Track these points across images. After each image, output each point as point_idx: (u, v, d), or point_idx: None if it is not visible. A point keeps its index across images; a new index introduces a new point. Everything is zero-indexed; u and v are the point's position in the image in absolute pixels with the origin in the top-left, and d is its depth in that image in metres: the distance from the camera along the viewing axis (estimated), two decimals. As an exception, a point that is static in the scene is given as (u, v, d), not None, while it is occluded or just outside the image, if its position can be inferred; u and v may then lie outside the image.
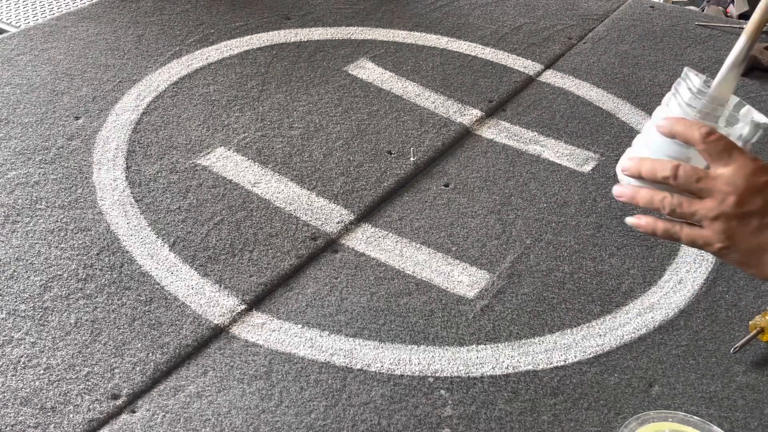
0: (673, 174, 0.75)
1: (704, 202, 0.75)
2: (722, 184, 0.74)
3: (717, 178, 0.74)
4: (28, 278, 1.17)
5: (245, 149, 1.46)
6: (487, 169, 1.45)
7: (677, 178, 0.75)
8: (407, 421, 1.00)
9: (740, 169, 0.73)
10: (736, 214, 0.74)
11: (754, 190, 0.73)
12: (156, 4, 1.94)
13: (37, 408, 0.98)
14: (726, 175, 0.74)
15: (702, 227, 0.76)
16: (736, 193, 0.73)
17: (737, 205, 0.73)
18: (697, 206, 0.75)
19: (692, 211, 0.75)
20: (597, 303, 1.19)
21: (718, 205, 0.74)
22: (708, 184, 0.74)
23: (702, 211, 0.75)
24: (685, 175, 0.75)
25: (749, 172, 0.73)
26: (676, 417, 0.94)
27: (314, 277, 1.21)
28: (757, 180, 0.73)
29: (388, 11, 1.98)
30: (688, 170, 0.75)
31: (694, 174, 0.74)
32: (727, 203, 0.74)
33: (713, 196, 0.74)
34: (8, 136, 1.46)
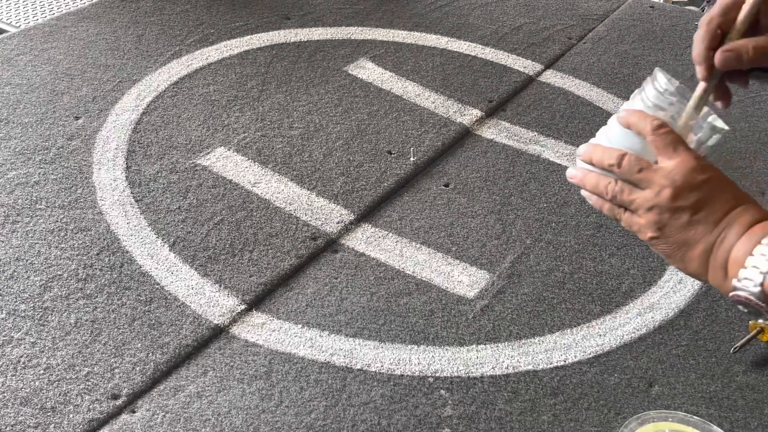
0: (617, 162, 0.79)
1: (643, 192, 0.78)
2: (661, 177, 0.77)
3: (657, 171, 0.77)
4: (28, 278, 1.17)
5: (245, 149, 1.46)
6: (487, 169, 1.45)
7: (621, 166, 0.79)
8: (407, 421, 1.00)
9: (681, 165, 0.76)
10: (669, 207, 0.77)
11: (690, 187, 0.76)
12: (156, 4, 1.94)
13: (37, 408, 0.98)
14: (666, 169, 0.77)
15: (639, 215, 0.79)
16: (672, 186, 0.76)
17: (671, 199, 0.76)
18: (636, 195, 0.78)
19: (630, 200, 0.79)
20: (597, 303, 1.19)
21: (654, 197, 0.77)
22: (648, 176, 0.77)
23: (639, 200, 0.78)
24: (628, 165, 0.78)
25: (689, 168, 0.76)
26: (676, 417, 0.94)
27: (314, 277, 1.21)
28: (695, 177, 0.76)
29: (388, 11, 1.98)
30: (632, 160, 0.78)
31: (637, 164, 0.78)
32: (663, 196, 0.76)
33: (651, 187, 0.77)
34: (8, 136, 1.46)
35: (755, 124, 1.62)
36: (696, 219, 0.77)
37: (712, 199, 0.77)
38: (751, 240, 0.74)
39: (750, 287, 0.73)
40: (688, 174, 0.77)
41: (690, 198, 0.77)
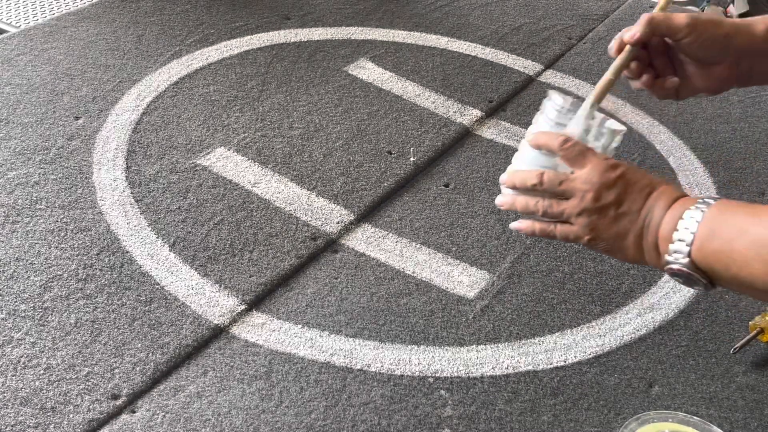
0: (539, 181, 0.86)
1: (569, 202, 0.85)
2: (580, 184, 0.84)
3: (576, 179, 0.85)
4: (28, 278, 1.17)
5: (245, 149, 1.46)
6: (487, 169, 1.45)
7: (543, 184, 0.86)
8: (407, 421, 1.00)
9: (594, 169, 0.84)
10: (595, 208, 0.84)
11: (608, 185, 0.83)
12: (156, 4, 1.94)
13: (37, 408, 0.98)
14: (583, 176, 0.84)
15: (571, 224, 0.86)
16: (592, 189, 0.83)
17: (594, 200, 0.84)
18: (564, 206, 0.86)
19: (560, 211, 0.86)
20: (597, 303, 1.19)
21: (580, 203, 0.84)
22: (569, 186, 0.85)
23: (568, 209, 0.85)
24: (548, 181, 0.86)
25: (602, 170, 0.83)
26: (676, 417, 0.94)
27: (314, 277, 1.21)
28: (609, 176, 0.83)
29: (388, 11, 1.98)
30: (551, 176, 0.86)
31: (557, 178, 0.85)
32: (587, 200, 0.84)
33: (575, 195, 0.85)
34: (8, 136, 1.46)
35: (755, 124, 1.62)
36: (621, 212, 0.84)
37: (629, 190, 0.84)
38: (674, 217, 0.80)
39: (680, 259, 0.79)
40: (603, 174, 0.83)
41: (610, 195, 0.83)
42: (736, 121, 1.63)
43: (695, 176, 1.47)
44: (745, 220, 0.77)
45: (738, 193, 1.42)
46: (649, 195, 0.84)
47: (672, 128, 1.60)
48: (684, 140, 1.57)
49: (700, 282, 0.80)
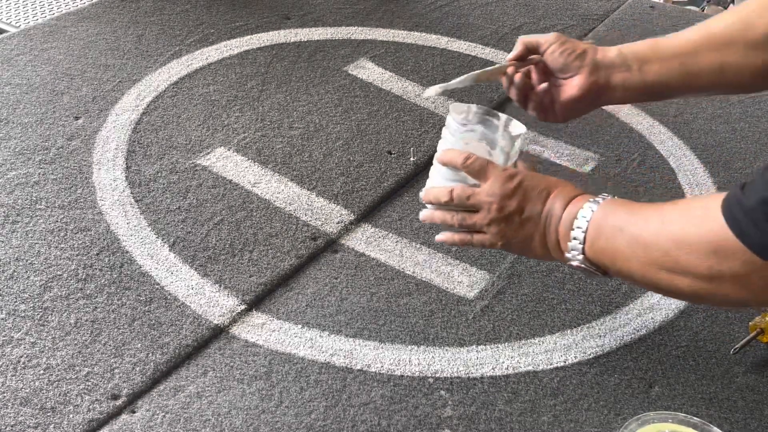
0: (449, 198, 0.94)
1: (479, 214, 0.93)
2: (485, 197, 0.91)
3: (480, 193, 0.92)
4: (28, 278, 1.17)
5: (245, 149, 1.46)
6: (487, 169, 1.45)
7: (453, 200, 0.94)
8: (407, 421, 1.00)
9: (495, 182, 0.91)
10: (501, 217, 0.91)
11: (509, 195, 0.91)
12: (156, 4, 1.94)
13: (37, 408, 0.98)
14: (486, 189, 0.92)
15: (485, 233, 0.93)
16: (496, 201, 0.91)
17: (499, 210, 0.91)
18: (475, 218, 0.93)
19: (473, 222, 0.93)
20: (597, 304, 1.19)
21: (487, 214, 0.92)
22: (476, 199, 0.92)
23: (479, 221, 0.93)
24: (457, 197, 0.93)
25: (501, 181, 0.91)
26: (676, 418, 0.94)
27: (314, 277, 1.21)
28: (508, 186, 0.91)
29: (388, 11, 1.98)
30: (459, 192, 0.93)
31: (464, 194, 0.93)
32: (492, 210, 0.91)
33: (482, 207, 0.92)
34: (8, 136, 1.46)
35: (755, 124, 1.62)
36: (525, 217, 0.91)
37: (529, 197, 0.91)
38: (569, 216, 0.88)
39: (577, 256, 0.87)
40: (503, 186, 0.91)
41: (512, 203, 0.91)
42: (736, 121, 1.63)
43: (695, 176, 1.47)
44: (624, 219, 0.85)
45: (738, 193, 1.42)
46: (547, 198, 0.91)
47: (672, 128, 1.60)
48: (684, 140, 1.57)
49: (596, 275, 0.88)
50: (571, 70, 1.05)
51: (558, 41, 1.06)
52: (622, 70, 1.04)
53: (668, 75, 1.05)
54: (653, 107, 1.66)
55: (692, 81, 1.07)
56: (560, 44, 1.05)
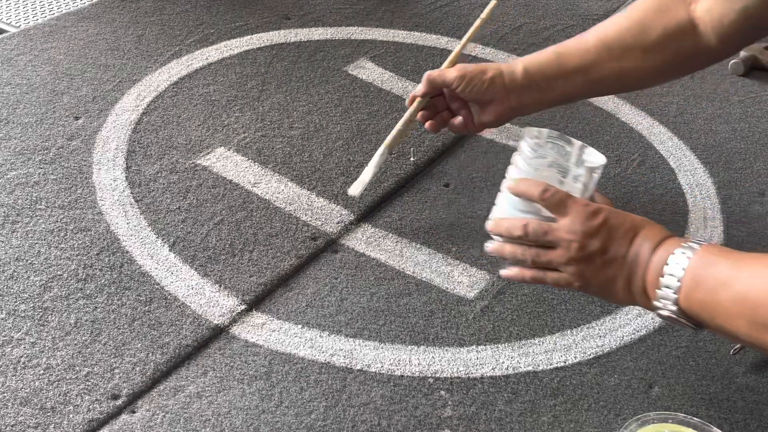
0: (524, 232, 0.88)
1: (555, 252, 0.87)
2: (564, 233, 0.85)
3: (559, 229, 0.86)
4: (28, 278, 1.17)
5: (245, 149, 1.46)
6: (487, 169, 1.45)
7: (528, 235, 0.88)
8: (407, 421, 1.00)
9: (576, 218, 0.85)
10: (581, 257, 0.85)
11: (591, 234, 0.84)
12: (156, 4, 1.94)
13: (37, 408, 0.98)
14: (566, 225, 0.85)
15: (560, 271, 0.87)
16: (576, 239, 0.85)
17: (580, 249, 0.85)
18: (551, 255, 0.87)
19: (548, 260, 0.88)
20: (597, 304, 1.19)
21: (566, 252, 0.86)
22: (554, 236, 0.86)
23: (555, 259, 0.87)
24: (533, 232, 0.87)
25: (583, 218, 0.85)
26: (676, 418, 0.94)
27: (314, 277, 1.21)
28: (591, 224, 0.84)
29: (388, 11, 1.98)
30: (535, 227, 0.87)
31: (540, 229, 0.87)
32: (572, 249, 0.85)
33: (561, 245, 0.86)
34: (8, 136, 1.46)
35: (755, 125, 1.62)
36: (608, 259, 0.85)
37: (613, 236, 0.85)
38: (659, 262, 0.82)
39: (668, 306, 0.81)
40: (585, 223, 0.84)
41: (595, 243, 0.84)
42: (736, 121, 1.63)
43: (695, 176, 1.47)
44: (728, 272, 0.77)
45: (738, 193, 1.43)
46: (633, 239, 0.85)
47: (672, 128, 1.60)
48: (684, 140, 1.57)
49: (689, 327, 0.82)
50: (484, 101, 1.14)
51: (464, 81, 1.12)
52: (530, 90, 1.13)
53: (573, 89, 1.13)
54: (653, 107, 1.66)
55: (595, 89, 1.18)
56: (468, 81, 1.12)
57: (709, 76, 1.78)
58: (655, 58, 1.10)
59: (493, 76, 1.12)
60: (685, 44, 1.09)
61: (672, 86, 1.73)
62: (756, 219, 1.37)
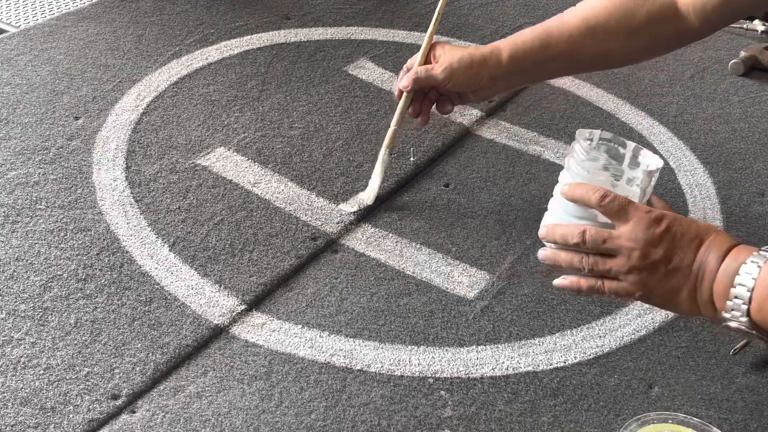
0: (581, 240, 0.84)
1: (615, 260, 0.83)
2: (625, 241, 0.81)
3: (620, 237, 0.82)
4: (28, 278, 1.17)
5: (245, 149, 1.46)
6: (487, 169, 1.45)
7: (586, 242, 0.84)
8: (407, 421, 1.00)
9: (637, 225, 0.81)
10: (643, 266, 0.81)
11: (654, 242, 0.81)
12: (156, 4, 1.94)
13: (37, 408, 0.98)
14: (627, 233, 0.81)
15: (620, 280, 0.84)
16: (638, 247, 0.81)
17: (642, 258, 0.81)
18: (610, 264, 0.83)
19: (607, 269, 0.84)
20: (597, 304, 1.19)
21: (627, 261, 0.82)
22: (614, 243, 0.82)
23: (615, 267, 0.83)
24: (591, 240, 0.83)
25: (645, 226, 0.81)
26: (675, 418, 0.94)
27: (314, 277, 1.21)
28: (654, 232, 0.81)
29: (388, 11, 1.98)
30: (594, 234, 0.83)
31: (599, 237, 0.83)
32: (634, 258, 0.81)
33: (621, 253, 0.82)
34: (8, 136, 1.46)
35: (755, 125, 1.62)
36: (672, 268, 0.81)
37: (678, 245, 0.81)
38: (728, 271, 0.79)
39: (739, 317, 0.77)
40: (647, 230, 0.81)
41: (658, 252, 0.81)
42: (736, 121, 1.63)
43: (695, 176, 1.47)
44: None
45: (738, 193, 1.43)
46: (698, 248, 0.81)
47: (672, 128, 1.60)
48: (684, 140, 1.57)
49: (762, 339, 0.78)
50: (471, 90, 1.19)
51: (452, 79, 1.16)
52: (516, 75, 1.17)
53: (557, 70, 1.21)
54: (653, 107, 1.66)
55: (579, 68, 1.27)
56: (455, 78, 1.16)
57: (709, 76, 1.78)
58: (638, 40, 1.12)
59: (479, 70, 1.15)
60: (668, 27, 1.11)
61: (672, 86, 1.73)
62: (756, 219, 1.37)
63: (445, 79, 1.17)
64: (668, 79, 1.76)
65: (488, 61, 1.15)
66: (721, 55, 1.85)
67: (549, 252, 0.89)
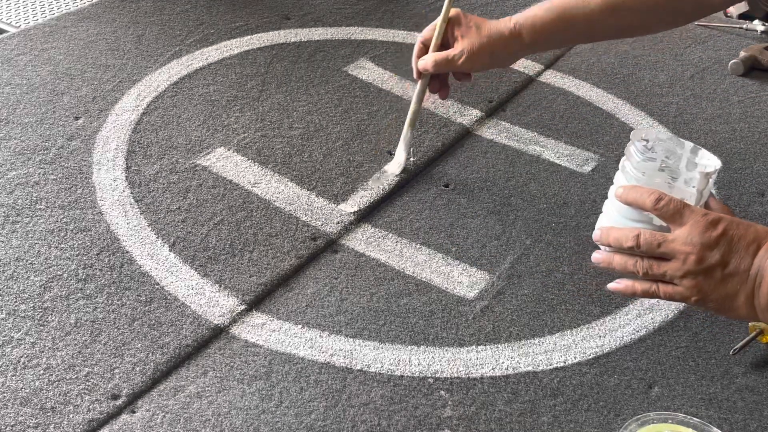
0: (635, 243, 0.83)
1: (670, 264, 0.82)
2: (681, 245, 0.81)
3: (675, 240, 0.81)
4: (28, 278, 1.17)
5: (245, 149, 1.46)
6: (487, 169, 1.45)
7: (640, 246, 0.83)
8: (407, 421, 1.00)
9: (693, 228, 0.80)
10: (700, 270, 0.80)
11: (710, 246, 0.80)
12: (156, 4, 1.94)
13: (37, 408, 0.99)
14: (682, 236, 0.80)
15: (675, 284, 0.83)
16: (694, 252, 0.80)
17: (698, 262, 0.80)
18: (665, 267, 0.82)
19: (662, 273, 0.83)
20: (597, 304, 1.19)
21: (682, 265, 0.81)
22: (669, 247, 0.81)
23: (670, 271, 0.82)
24: (645, 243, 0.82)
25: (701, 229, 0.80)
26: (675, 418, 0.94)
27: (314, 277, 1.21)
28: (710, 235, 0.80)
29: (388, 11, 1.98)
30: (648, 238, 0.82)
31: (654, 240, 0.82)
32: (689, 262, 0.80)
33: (676, 257, 0.81)
34: (8, 136, 1.46)
35: (755, 125, 1.62)
36: (728, 272, 0.80)
37: (734, 248, 0.80)
38: None
39: None
40: (703, 234, 0.80)
41: (715, 256, 0.80)
42: (736, 121, 1.63)
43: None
44: None
45: (738, 193, 1.43)
46: (756, 252, 0.80)
47: (672, 128, 1.60)
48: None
49: None
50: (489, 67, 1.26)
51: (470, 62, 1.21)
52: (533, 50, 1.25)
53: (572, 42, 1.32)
54: (653, 107, 1.66)
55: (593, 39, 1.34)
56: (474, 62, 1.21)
57: (709, 76, 1.78)
58: (657, 16, 1.16)
59: (499, 53, 1.21)
60: (688, 3, 1.15)
61: (672, 86, 1.73)
62: (756, 219, 1.37)
63: (465, 66, 1.22)
64: (668, 79, 1.76)
65: (509, 45, 1.21)
66: (721, 55, 1.85)
67: (603, 255, 0.89)
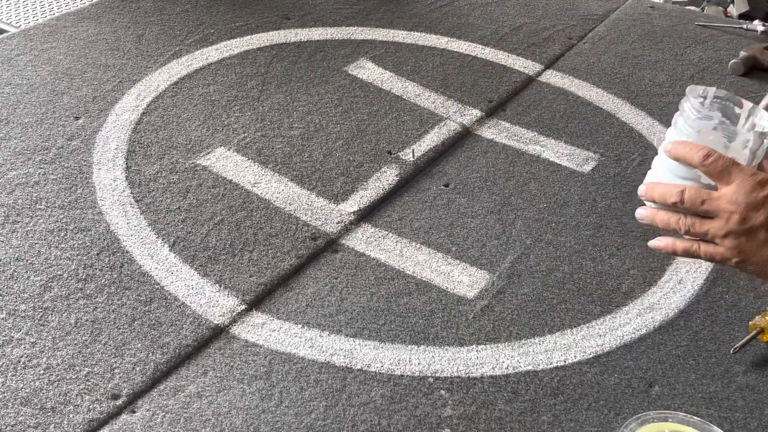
0: (679, 199, 0.80)
1: (713, 222, 0.79)
2: (725, 203, 0.78)
3: (720, 198, 0.79)
4: (28, 278, 1.17)
5: (245, 149, 1.46)
6: (487, 169, 1.45)
7: (684, 202, 0.80)
8: (407, 421, 1.00)
9: (740, 187, 0.78)
10: (742, 230, 0.78)
11: (755, 206, 0.77)
12: (156, 4, 1.94)
13: (37, 408, 0.98)
14: (728, 195, 0.78)
15: (716, 244, 0.80)
16: (738, 211, 0.77)
17: (741, 222, 0.78)
18: (708, 226, 0.80)
19: (704, 231, 0.80)
20: (597, 303, 1.19)
21: (725, 224, 0.78)
22: (712, 205, 0.79)
23: (712, 230, 0.80)
24: (690, 199, 0.80)
25: (748, 189, 0.77)
26: (676, 417, 0.94)
27: (314, 277, 1.21)
28: (756, 196, 0.77)
29: (388, 11, 1.98)
30: (693, 194, 0.80)
31: (699, 197, 0.79)
32: (733, 221, 0.78)
33: (720, 215, 0.79)
34: (8, 136, 1.46)
35: (755, 125, 1.62)
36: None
37: None
38: None
39: None
40: (749, 194, 0.78)
41: (759, 216, 0.78)
42: (736, 121, 1.62)
43: (695, 176, 1.47)
44: None
45: (738, 193, 1.42)
46: None
47: (672, 128, 1.60)
48: (684, 140, 1.57)
49: None
50: None
51: None
52: None
53: None
54: (653, 107, 1.66)
55: None
56: None
57: (708, 76, 1.78)
58: None
59: None
60: None
61: (672, 86, 1.73)
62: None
63: None
64: (668, 79, 1.76)
65: None
66: (721, 55, 1.85)
67: (647, 211, 0.86)
